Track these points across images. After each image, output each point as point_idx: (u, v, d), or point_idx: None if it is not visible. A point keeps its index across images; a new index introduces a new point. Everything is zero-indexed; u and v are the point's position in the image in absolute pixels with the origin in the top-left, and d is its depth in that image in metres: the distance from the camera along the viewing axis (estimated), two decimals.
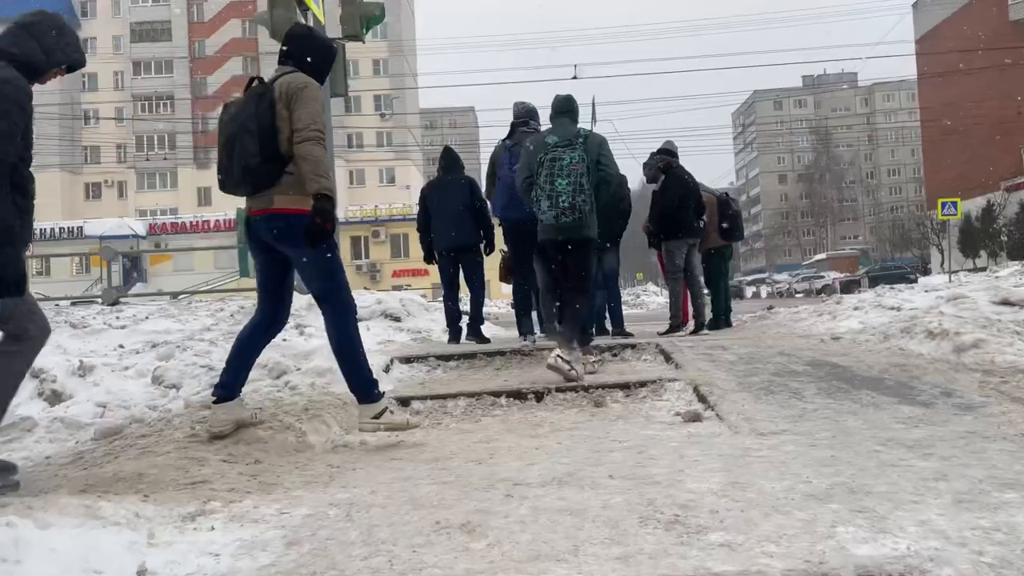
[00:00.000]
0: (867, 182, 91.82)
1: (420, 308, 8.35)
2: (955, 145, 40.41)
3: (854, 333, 5.28)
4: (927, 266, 43.19)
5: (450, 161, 7.25)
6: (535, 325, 6.80)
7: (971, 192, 36.24)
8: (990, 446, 2.69)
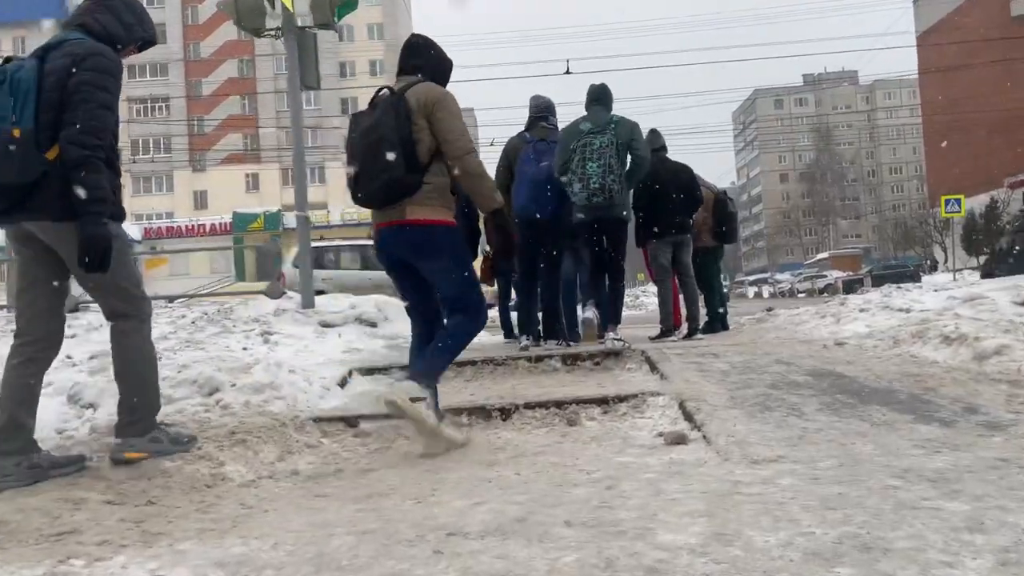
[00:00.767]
0: (869, 180, 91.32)
1: (398, 313, 7.87)
2: (958, 142, 39.91)
3: (860, 338, 4.79)
4: (935, 264, 42.65)
5: None
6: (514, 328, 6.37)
7: (975, 189, 35.73)
8: None
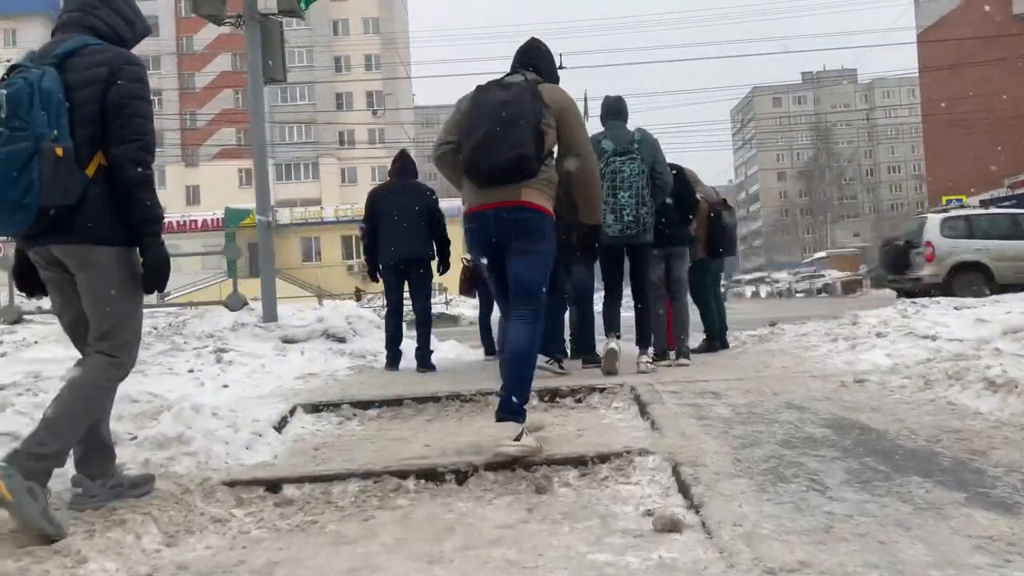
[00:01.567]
0: (867, 179, 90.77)
1: (369, 327, 7.26)
2: (958, 142, 39.29)
3: (883, 373, 4.14)
4: None
5: (404, 164, 6.32)
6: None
7: (975, 190, 35.14)
8: None
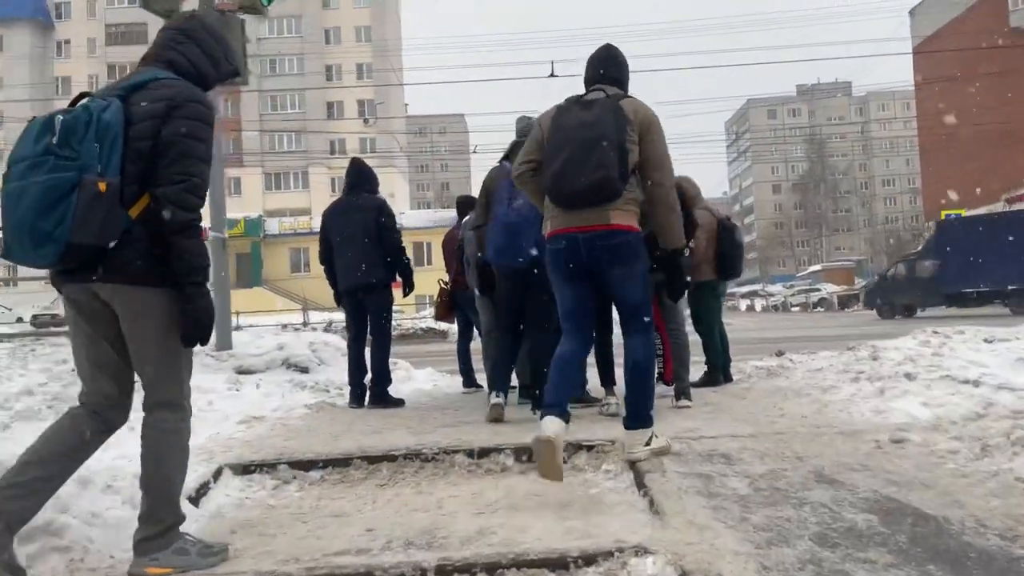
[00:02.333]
0: (862, 192, 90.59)
1: (336, 354, 6.58)
2: (954, 155, 38.96)
3: (924, 430, 3.47)
4: None
5: (356, 177, 5.59)
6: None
7: (971, 204, 34.73)
8: None
